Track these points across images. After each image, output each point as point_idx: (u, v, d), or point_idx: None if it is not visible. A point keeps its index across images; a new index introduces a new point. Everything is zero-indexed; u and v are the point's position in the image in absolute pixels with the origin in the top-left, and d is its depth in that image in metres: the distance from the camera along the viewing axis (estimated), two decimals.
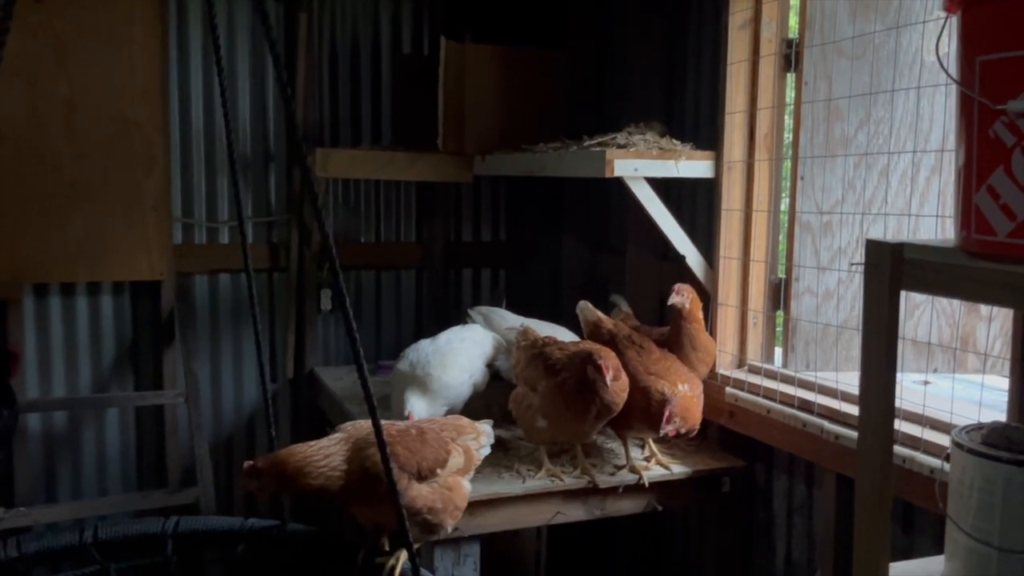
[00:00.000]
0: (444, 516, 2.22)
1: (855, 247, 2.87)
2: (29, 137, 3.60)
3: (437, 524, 2.22)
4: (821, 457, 2.57)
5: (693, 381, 2.79)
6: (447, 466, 2.23)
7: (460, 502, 2.27)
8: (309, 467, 2.05)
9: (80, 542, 2.17)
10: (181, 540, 2.27)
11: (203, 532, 2.32)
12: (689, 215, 3.40)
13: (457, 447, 2.32)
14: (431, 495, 2.18)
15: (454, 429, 2.40)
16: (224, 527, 2.33)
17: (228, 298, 4.13)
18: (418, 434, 2.22)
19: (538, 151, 3.42)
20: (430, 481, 2.19)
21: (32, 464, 3.80)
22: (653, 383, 2.69)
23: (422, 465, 2.15)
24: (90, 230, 3.72)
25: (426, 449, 2.18)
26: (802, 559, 2.93)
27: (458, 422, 2.46)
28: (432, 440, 2.23)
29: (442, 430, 2.34)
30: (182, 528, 2.28)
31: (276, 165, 4.18)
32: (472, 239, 4.58)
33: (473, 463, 2.39)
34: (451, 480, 2.25)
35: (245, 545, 2.29)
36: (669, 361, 2.82)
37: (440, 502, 2.20)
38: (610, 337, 2.92)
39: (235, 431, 4.18)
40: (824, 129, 2.84)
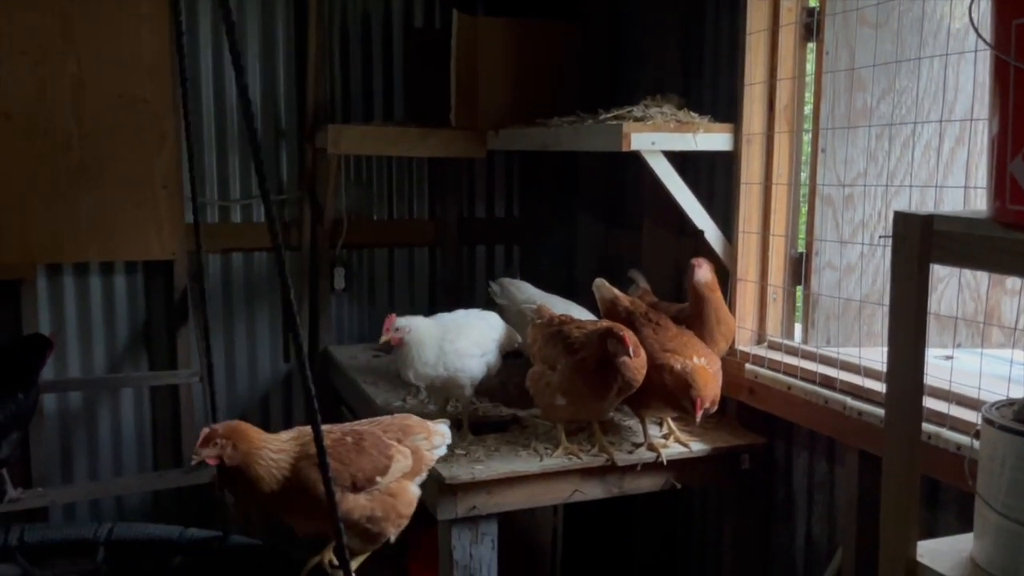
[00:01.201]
0: (386, 524, 2.12)
1: (877, 220, 2.81)
2: (37, 116, 3.57)
3: (378, 533, 2.12)
4: (843, 434, 2.53)
5: (711, 356, 2.75)
6: (388, 473, 2.13)
7: (404, 508, 2.17)
8: (264, 452, 1.97)
9: (5, 545, 2.09)
10: (114, 548, 2.17)
11: (138, 541, 2.22)
12: (707, 189, 3.34)
13: (402, 450, 2.21)
14: (369, 504, 2.09)
15: (400, 430, 2.28)
16: (162, 536, 2.24)
17: (240, 277, 4.11)
18: (355, 442, 2.11)
19: (552, 125, 3.36)
20: (369, 490, 2.10)
21: (48, 444, 3.80)
22: (669, 360, 2.65)
23: (356, 476, 2.06)
24: (101, 209, 3.69)
25: (362, 459, 2.08)
26: (822, 537, 2.90)
27: (405, 422, 2.35)
28: (370, 447, 2.12)
29: (385, 432, 2.23)
30: (116, 535, 2.19)
31: (287, 143, 4.14)
32: (485, 216, 4.53)
33: (424, 464, 2.28)
34: (394, 486, 2.15)
35: (183, 557, 2.20)
36: (686, 337, 2.78)
37: (380, 510, 2.10)
38: (627, 315, 2.88)
39: (249, 409, 4.17)
40: (846, 100, 2.78)
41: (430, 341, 2.88)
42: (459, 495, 2.61)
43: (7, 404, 3.03)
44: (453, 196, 4.42)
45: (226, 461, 1.94)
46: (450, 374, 2.91)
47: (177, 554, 2.19)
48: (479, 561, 2.70)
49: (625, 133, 2.81)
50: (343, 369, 3.83)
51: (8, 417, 3.03)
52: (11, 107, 3.52)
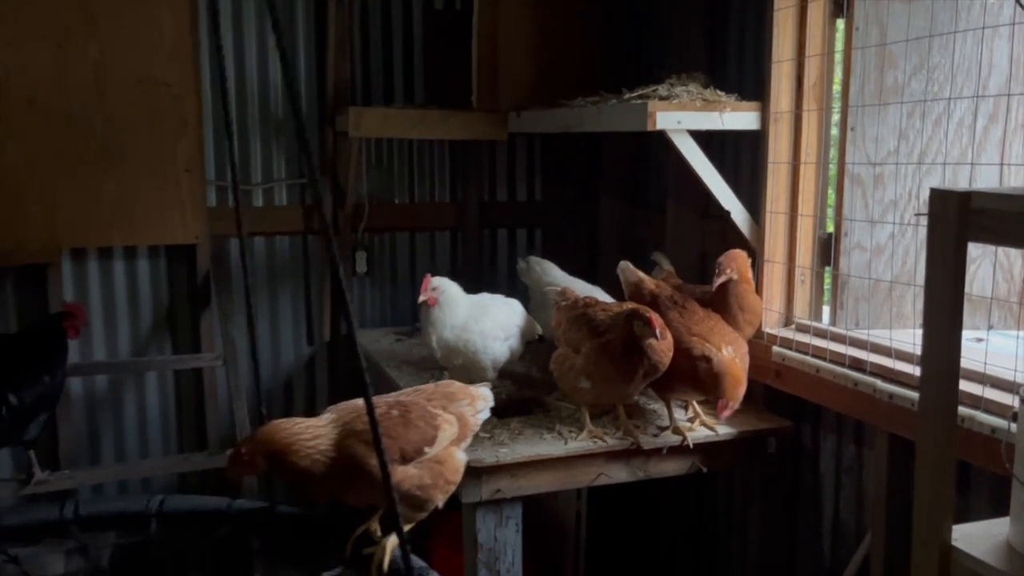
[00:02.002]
0: (434, 491, 2.13)
1: (908, 200, 2.76)
2: (59, 100, 3.57)
3: (426, 500, 2.12)
4: (873, 417, 2.49)
5: (737, 342, 2.71)
6: (436, 443, 2.13)
7: (452, 475, 2.17)
8: (297, 445, 1.97)
9: (61, 518, 2.12)
10: (165, 519, 2.20)
11: (188, 512, 2.25)
12: (733, 169, 3.29)
13: (448, 417, 2.21)
14: (418, 473, 2.09)
15: (444, 397, 2.28)
16: (210, 507, 2.26)
17: (263, 261, 4.11)
18: (401, 415, 2.11)
19: (575, 106, 3.32)
20: (416, 461, 2.10)
21: (75, 427, 3.83)
22: (696, 344, 2.62)
23: (405, 449, 2.07)
24: (123, 193, 3.70)
25: (410, 431, 2.08)
26: (850, 521, 2.87)
27: (448, 389, 2.35)
28: (417, 419, 2.12)
29: (430, 400, 2.23)
30: (167, 507, 2.22)
31: (308, 126, 4.13)
32: (507, 199, 4.51)
33: (469, 429, 2.29)
34: (441, 454, 2.16)
35: (231, 527, 2.22)
36: (713, 321, 2.74)
37: (429, 477, 2.11)
38: (652, 298, 2.85)
39: (273, 393, 4.19)
40: (876, 77, 2.73)
41: (459, 310, 2.86)
42: (484, 478, 2.60)
43: (33, 387, 3.06)
44: (474, 179, 4.39)
45: (259, 470, 1.96)
46: (471, 354, 2.89)
47: (224, 525, 2.22)
48: (503, 544, 2.69)
49: (650, 112, 2.77)
50: (366, 353, 3.83)
51: (35, 399, 3.05)
52: (34, 92, 3.52)
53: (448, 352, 2.91)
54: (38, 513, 2.15)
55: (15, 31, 3.47)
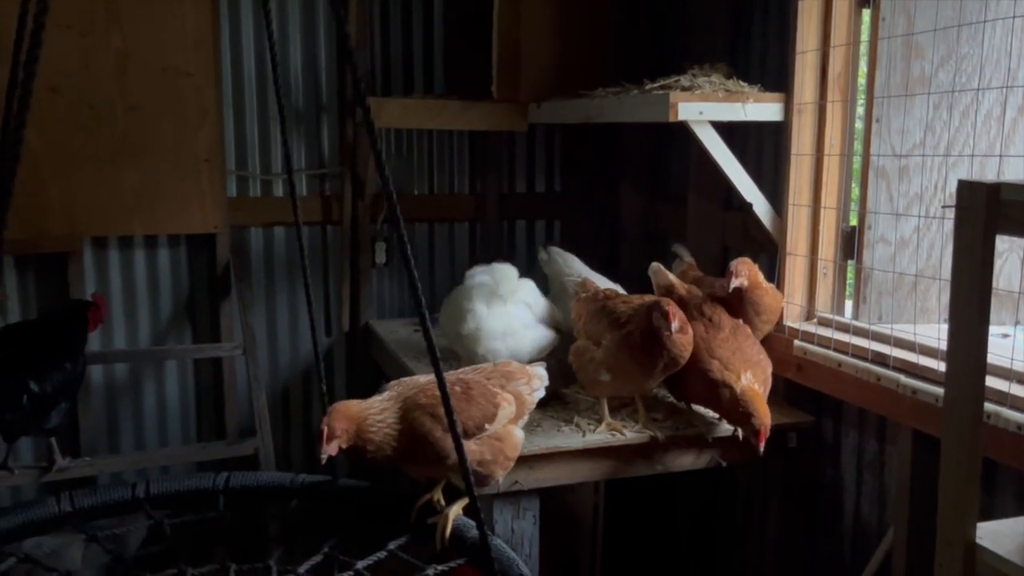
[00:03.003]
0: (494, 467, 2.19)
1: (933, 192, 2.72)
2: (82, 89, 3.58)
3: (487, 475, 2.19)
4: (896, 412, 2.46)
5: (758, 367, 2.63)
6: (496, 420, 2.19)
7: (511, 452, 2.23)
8: (369, 420, 2.03)
9: (133, 497, 2.18)
10: (233, 495, 2.25)
11: (254, 488, 2.30)
12: (755, 161, 3.26)
13: (507, 395, 2.26)
14: (479, 449, 2.15)
15: (503, 376, 2.33)
16: (275, 483, 2.31)
17: (283, 251, 4.12)
18: (463, 391, 2.16)
19: (596, 96, 3.30)
20: (478, 437, 2.15)
21: (96, 415, 3.86)
22: (716, 370, 2.55)
23: (467, 424, 2.11)
24: (144, 183, 3.71)
25: (472, 407, 2.14)
26: (871, 517, 2.84)
27: (507, 368, 2.39)
28: (478, 396, 2.18)
29: (489, 379, 2.28)
30: (233, 484, 2.26)
31: (328, 116, 4.13)
32: (526, 190, 4.49)
33: (526, 408, 2.34)
34: (501, 431, 2.22)
35: (297, 500, 2.26)
36: (739, 341, 2.66)
37: (490, 453, 2.17)
38: (681, 304, 2.77)
39: (291, 383, 4.20)
40: (902, 67, 2.69)
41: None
42: None
43: (54, 375, 3.08)
44: (493, 171, 4.37)
45: (350, 442, 2.01)
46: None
47: (291, 499, 2.27)
48: (521, 536, 2.68)
49: (672, 103, 2.74)
50: (384, 343, 3.83)
51: (56, 387, 3.07)
52: (57, 80, 3.53)
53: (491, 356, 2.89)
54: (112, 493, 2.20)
55: None
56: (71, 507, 2.11)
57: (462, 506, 2.14)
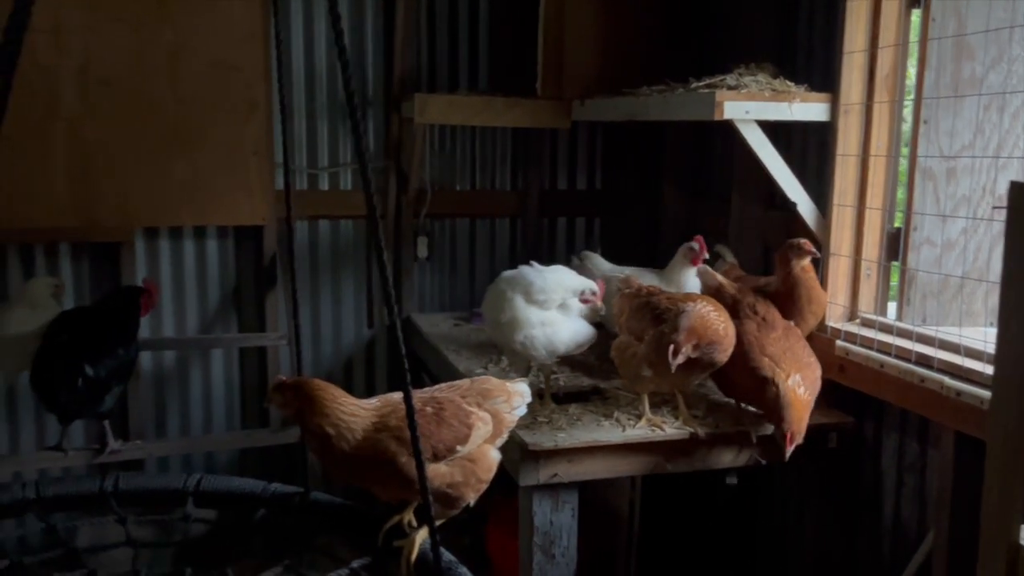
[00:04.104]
0: (465, 489, 2.11)
1: (981, 195, 2.71)
2: (135, 83, 3.67)
3: (458, 497, 2.11)
4: (940, 414, 2.45)
5: (808, 368, 2.62)
6: (468, 441, 2.11)
7: (484, 474, 2.15)
8: (330, 410, 1.96)
9: (101, 491, 2.16)
10: (202, 498, 2.24)
11: (224, 493, 2.28)
12: (799, 161, 3.25)
13: (483, 415, 2.17)
14: (449, 471, 2.08)
15: (479, 394, 2.24)
16: (246, 489, 2.29)
17: (327, 244, 4.18)
18: (435, 412, 2.09)
19: (641, 94, 3.31)
20: (448, 459, 2.09)
21: (144, 400, 3.96)
22: (766, 367, 2.56)
23: (437, 447, 2.05)
24: (194, 175, 3.79)
25: (442, 430, 2.06)
26: (912, 519, 2.83)
27: (484, 385, 2.30)
28: (451, 417, 2.10)
29: (464, 397, 2.20)
30: (204, 487, 2.25)
31: (373, 111, 4.18)
32: (567, 187, 4.51)
33: (504, 426, 2.25)
34: (475, 452, 2.13)
35: (266, 510, 2.24)
36: (790, 341, 2.67)
37: (461, 475, 2.10)
38: (732, 303, 2.79)
39: (334, 373, 4.27)
40: (951, 69, 2.68)
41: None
42: (541, 462, 2.62)
43: (108, 360, 3.16)
44: (535, 167, 4.41)
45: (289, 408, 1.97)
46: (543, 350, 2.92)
47: (260, 507, 2.24)
48: (559, 528, 2.72)
49: (718, 102, 2.75)
50: (425, 336, 3.88)
51: (110, 372, 3.16)
52: (111, 74, 3.62)
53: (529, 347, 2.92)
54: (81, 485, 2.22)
55: (94, 15, 3.58)
56: (35, 495, 2.10)
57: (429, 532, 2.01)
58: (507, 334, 2.92)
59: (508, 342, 2.94)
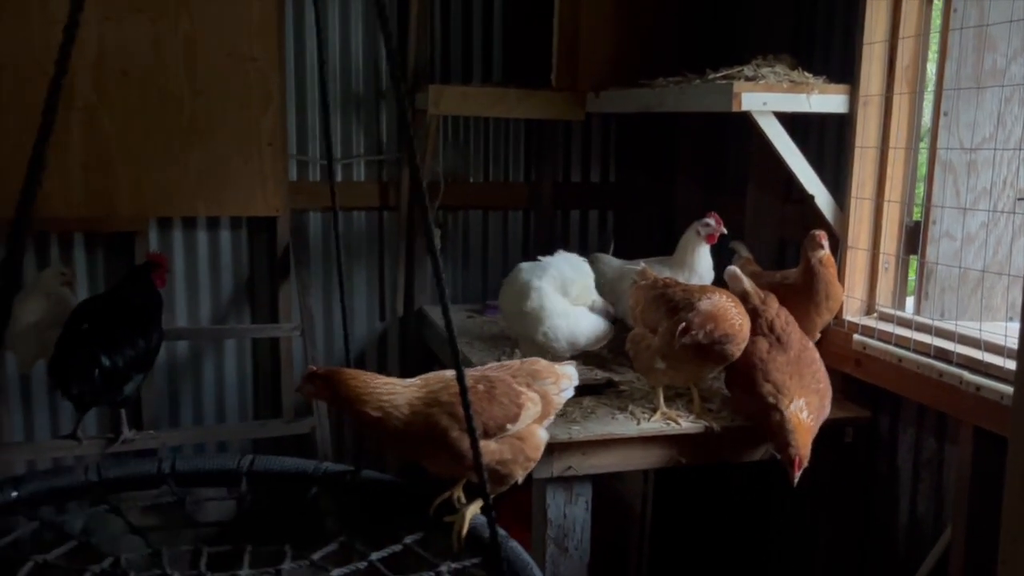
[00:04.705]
0: (514, 467, 2.14)
1: (1002, 188, 2.68)
2: (152, 73, 3.67)
3: (507, 475, 2.14)
4: (959, 409, 2.43)
5: (814, 395, 2.56)
6: (519, 420, 2.13)
7: (532, 452, 2.17)
8: (368, 396, 1.99)
9: (159, 472, 2.19)
10: (255, 478, 2.25)
11: (277, 472, 2.30)
12: (816, 153, 3.23)
13: (532, 396, 2.20)
14: (499, 448, 2.11)
15: (529, 375, 2.26)
16: (298, 468, 2.30)
17: (341, 235, 4.16)
18: (486, 390, 2.11)
19: (657, 86, 3.29)
20: (498, 437, 2.11)
21: (157, 390, 3.97)
22: (769, 394, 2.52)
23: (488, 424, 2.07)
24: (209, 165, 3.79)
25: (494, 407, 2.09)
26: (928, 515, 2.81)
27: (534, 366, 2.32)
28: (501, 395, 2.13)
29: (515, 377, 2.22)
30: (256, 467, 2.26)
31: (388, 103, 4.17)
32: (581, 180, 4.49)
33: (553, 408, 2.27)
34: (524, 431, 2.16)
35: (318, 488, 2.25)
36: (801, 365, 2.59)
37: (510, 453, 2.12)
38: (752, 315, 2.70)
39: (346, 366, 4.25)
40: (973, 60, 2.64)
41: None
42: (555, 455, 2.61)
43: (127, 350, 3.16)
44: (549, 160, 4.39)
45: (321, 397, 2.03)
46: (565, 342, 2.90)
47: (312, 486, 2.26)
48: (572, 521, 2.71)
49: (736, 93, 2.73)
50: (438, 329, 3.88)
51: (128, 362, 3.16)
52: (128, 65, 3.63)
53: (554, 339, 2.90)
54: (138, 467, 2.25)
55: (112, 5, 3.58)
56: (97, 477, 2.13)
57: (480, 506, 2.08)
58: (530, 324, 2.91)
59: (530, 332, 2.92)
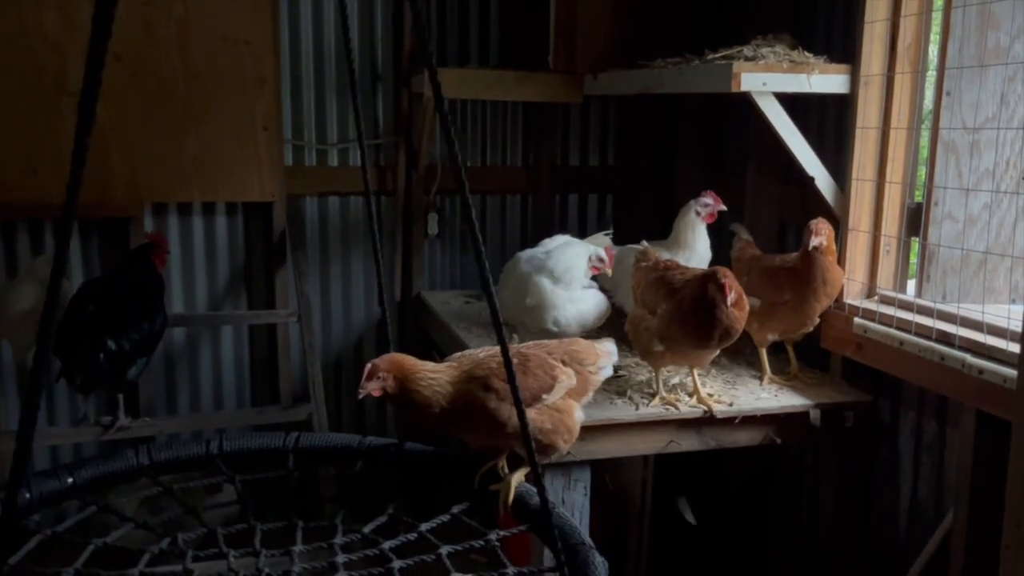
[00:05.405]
0: (555, 437, 2.18)
1: (1005, 168, 2.64)
2: (145, 57, 3.63)
3: (549, 444, 2.18)
4: (961, 393, 2.40)
5: None
6: (553, 391, 2.18)
7: (571, 423, 2.22)
8: (420, 374, 2.03)
9: (207, 453, 2.22)
10: (301, 455, 2.27)
11: (323, 448, 2.32)
12: (817, 135, 3.19)
13: (567, 371, 2.24)
14: (539, 417, 2.15)
15: (565, 353, 2.30)
16: (343, 444, 2.33)
17: (337, 220, 4.15)
18: (520, 363, 2.14)
19: (655, 67, 3.25)
20: (536, 406, 2.15)
21: (154, 377, 3.94)
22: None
23: (523, 395, 2.05)
24: (204, 151, 3.76)
25: (528, 379, 2.14)
26: (929, 499, 2.79)
27: (571, 346, 2.35)
28: (535, 368, 2.18)
29: (551, 354, 2.26)
30: (303, 444, 2.29)
31: (384, 86, 4.13)
32: (579, 164, 4.45)
33: (590, 385, 2.30)
34: (560, 403, 2.21)
35: (363, 462, 2.28)
36: None
37: (550, 423, 2.17)
38: None
39: (344, 351, 4.24)
40: (976, 38, 2.60)
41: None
42: None
43: (132, 334, 3.14)
44: (547, 143, 4.35)
45: (388, 391, 2.02)
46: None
47: (357, 460, 2.28)
48: (571, 507, 2.69)
49: (735, 73, 2.69)
50: (436, 314, 3.85)
51: (134, 345, 3.14)
52: (121, 48, 3.58)
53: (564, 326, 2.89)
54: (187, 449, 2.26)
55: None
56: (148, 460, 2.16)
57: (524, 473, 2.13)
58: (536, 316, 2.89)
59: (538, 323, 2.90)
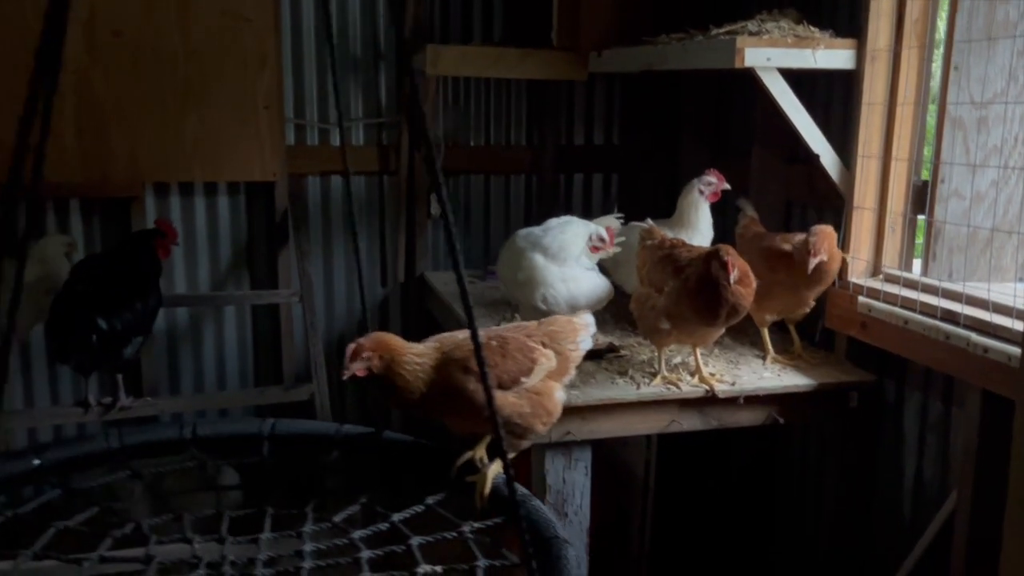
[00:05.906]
0: (533, 420, 2.15)
1: (1013, 145, 2.60)
2: (145, 34, 3.59)
3: (527, 428, 2.15)
4: (966, 372, 2.38)
5: None
6: (533, 374, 2.16)
7: (551, 406, 2.19)
8: (407, 357, 2.02)
9: (181, 437, 2.20)
10: (277, 442, 2.25)
11: (299, 435, 2.30)
12: (822, 111, 3.15)
13: (546, 352, 2.21)
14: (517, 401, 2.13)
15: (545, 335, 2.27)
16: (319, 432, 2.32)
17: (340, 200, 4.12)
18: (499, 346, 2.14)
19: (659, 43, 3.20)
20: (515, 389, 2.13)
21: (156, 357, 3.94)
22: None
23: (502, 378, 2.10)
24: (205, 130, 3.73)
25: (507, 361, 2.12)
26: (934, 480, 2.77)
27: (550, 327, 2.32)
28: (514, 350, 2.15)
29: (530, 336, 2.24)
30: (278, 430, 2.27)
31: (386, 65, 4.09)
32: (584, 143, 4.41)
33: (571, 363, 2.28)
34: (540, 386, 2.18)
35: (340, 451, 2.26)
36: None
37: (529, 407, 2.14)
38: None
39: (347, 331, 4.23)
40: (985, 12, 2.56)
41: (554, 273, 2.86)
42: None
43: (124, 313, 3.12)
44: (551, 122, 4.30)
45: (374, 371, 2.00)
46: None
47: (333, 449, 2.27)
48: (572, 486, 2.68)
49: (739, 48, 2.65)
50: (439, 294, 3.83)
51: (126, 325, 3.12)
52: (121, 25, 3.55)
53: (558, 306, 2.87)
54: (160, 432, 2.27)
55: None
56: (119, 443, 2.14)
57: (502, 465, 2.11)
58: (527, 292, 2.87)
59: (529, 299, 2.88)
